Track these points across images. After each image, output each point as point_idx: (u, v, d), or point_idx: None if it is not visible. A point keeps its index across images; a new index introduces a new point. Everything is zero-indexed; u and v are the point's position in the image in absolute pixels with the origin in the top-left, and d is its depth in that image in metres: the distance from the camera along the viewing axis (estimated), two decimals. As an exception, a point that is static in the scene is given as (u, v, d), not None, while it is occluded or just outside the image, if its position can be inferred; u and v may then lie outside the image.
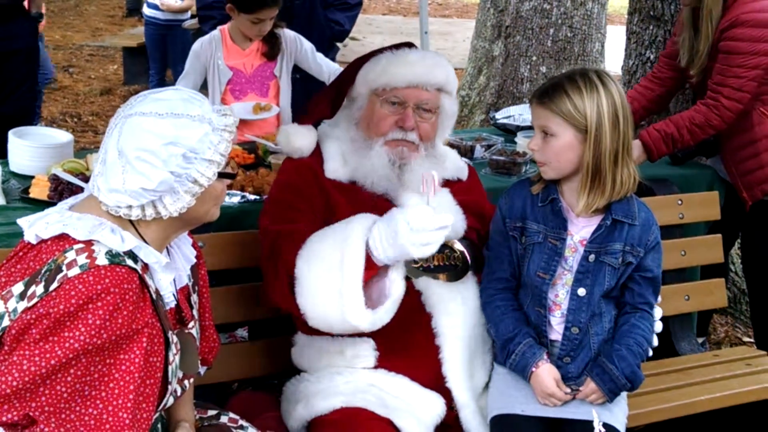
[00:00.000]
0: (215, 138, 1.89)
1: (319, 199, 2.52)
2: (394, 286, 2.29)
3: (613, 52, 6.78)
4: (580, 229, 2.47)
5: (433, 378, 2.45)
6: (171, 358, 1.92)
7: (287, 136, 2.64)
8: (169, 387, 1.92)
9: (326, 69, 4.32)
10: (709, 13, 3.48)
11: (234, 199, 3.07)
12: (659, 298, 2.58)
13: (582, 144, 2.39)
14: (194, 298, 2.16)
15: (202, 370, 2.31)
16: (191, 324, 2.09)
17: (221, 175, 1.93)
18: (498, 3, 7.23)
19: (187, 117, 1.86)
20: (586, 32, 6.16)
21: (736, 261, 4.65)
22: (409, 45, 2.66)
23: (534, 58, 6.16)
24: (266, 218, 2.53)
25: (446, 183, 2.65)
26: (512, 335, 2.45)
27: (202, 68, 4.20)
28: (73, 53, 10.88)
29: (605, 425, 2.37)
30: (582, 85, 2.39)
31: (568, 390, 2.42)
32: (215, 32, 4.23)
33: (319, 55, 4.32)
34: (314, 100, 2.71)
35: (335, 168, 2.57)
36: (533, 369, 2.41)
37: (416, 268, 2.49)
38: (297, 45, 4.26)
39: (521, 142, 3.82)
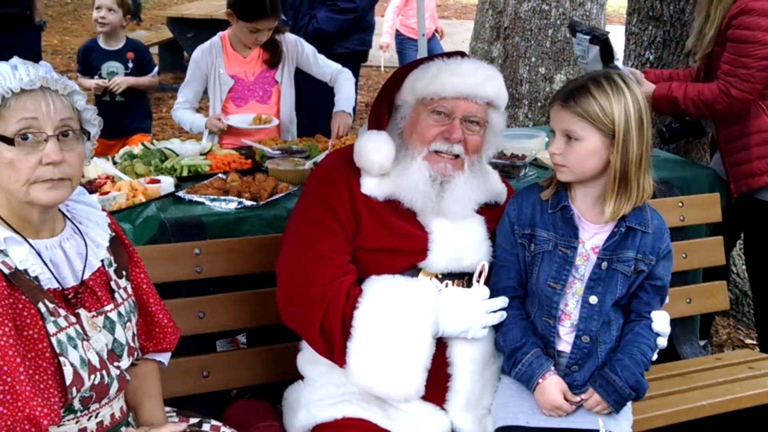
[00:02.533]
0: None
1: (351, 218, 2.43)
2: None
3: (613, 53, 6.75)
4: (592, 236, 2.42)
5: (438, 400, 2.41)
6: (52, 329, 1.89)
7: (365, 150, 2.45)
8: (62, 359, 1.89)
9: (329, 71, 4.29)
10: None
11: (230, 205, 3.04)
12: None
13: (607, 149, 2.33)
14: (122, 282, 2.14)
15: (165, 358, 2.30)
16: (108, 306, 2.06)
17: None
18: (496, 4, 7.22)
19: None
20: (585, 33, 6.13)
21: (738, 262, 4.62)
22: (462, 54, 2.56)
23: (533, 59, 6.14)
24: (293, 240, 2.46)
25: (482, 209, 2.55)
26: (520, 344, 2.41)
27: (204, 76, 4.18)
28: (71, 58, 10.86)
29: (610, 434, 2.35)
30: (608, 87, 2.32)
31: (577, 399, 2.38)
32: (215, 39, 4.21)
33: (321, 57, 4.29)
34: (374, 111, 2.58)
35: (372, 186, 2.46)
36: (540, 380, 2.37)
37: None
38: (298, 49, 4.24)
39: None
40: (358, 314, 2.30)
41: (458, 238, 2.45)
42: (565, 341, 2.44)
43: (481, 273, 2.42)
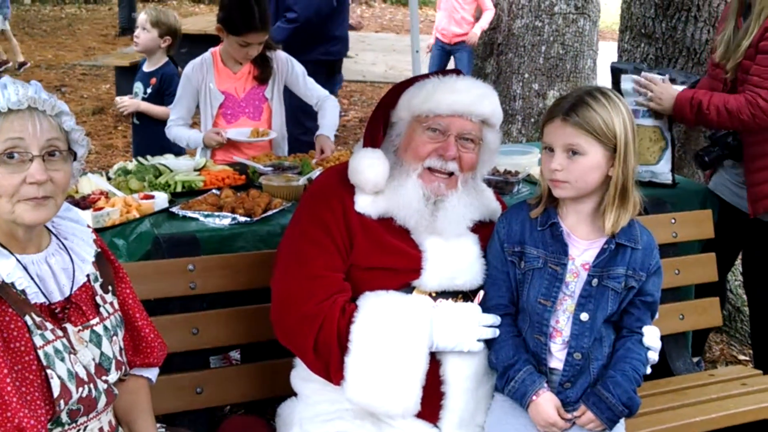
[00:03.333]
0: None
1: (344, 236, 2.43)
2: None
3: (605, 69, 6.79)
4: (582, 253, 2.43)
5: (432, 418, 2.40)
6: (39, 342, 1.91)
7: (360, 167, 2.45)
8: (49, 371, 1.90)
9: (316, 95, 4.31)
10: (762, 9, 3.38)
11: (224, 221, 3.04)
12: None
13: (607, 163, 2.35)
14: (108, 297, 2.15)
15: (153, 374, 2.30)
16: (94, 320, 2.07)
17: None
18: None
19: None
20: (578, 49, 6.18)
21: (731, 278, 4.63)
22: (458, 72, 2.58)
23: (526, 75, 6.17)
24: (287, 258, 2.45)
25: (476, 227, 2.55)
26: (512, 362, 2.41)
27: (195, 92, 4.19)
28: (65, 72, 10.89)
29: (603, 451, 2.34)
30: (605, 101, 2.33)
31: (570, 417, 2.38)
32: (206, 54, 4.22)
33: (310, 80, 4.32)
34: (369, 128, 2.58)
35: (366, 204, 2.47)
36: (533, 397, 2.37)
37: None
38: (288, 67, 4.25)
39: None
40: (355, 328, 2.30)
41: (452, 257, 2.45)
42: (557, 358, 2.44)
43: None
